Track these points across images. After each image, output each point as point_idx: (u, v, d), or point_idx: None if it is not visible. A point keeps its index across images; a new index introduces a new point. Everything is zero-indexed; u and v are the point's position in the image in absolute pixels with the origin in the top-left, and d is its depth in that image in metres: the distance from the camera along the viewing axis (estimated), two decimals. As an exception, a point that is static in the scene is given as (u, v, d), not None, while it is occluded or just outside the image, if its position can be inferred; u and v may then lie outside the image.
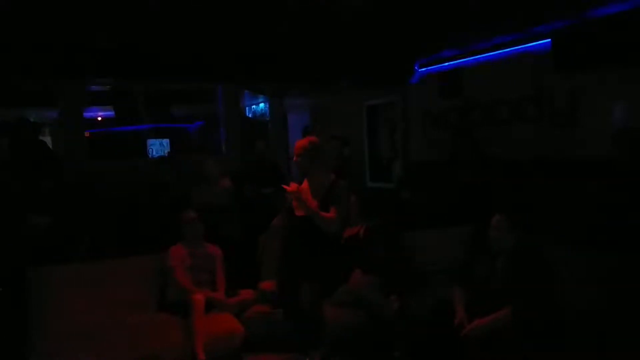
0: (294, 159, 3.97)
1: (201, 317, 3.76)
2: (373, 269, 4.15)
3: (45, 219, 4.60)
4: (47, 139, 9.79)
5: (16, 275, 3.83)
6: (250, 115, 10.85)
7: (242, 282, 4.41)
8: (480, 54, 6.35)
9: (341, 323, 3.93)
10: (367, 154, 8.89)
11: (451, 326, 3.21)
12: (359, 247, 4.35)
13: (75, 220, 4.78)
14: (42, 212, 4.43)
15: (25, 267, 3.84)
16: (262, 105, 10.44)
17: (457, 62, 6.78)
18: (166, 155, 9.86)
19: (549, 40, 5.42)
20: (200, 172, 5.60)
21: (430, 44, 6.69)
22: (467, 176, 5.66)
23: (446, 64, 6.95)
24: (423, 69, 7.44)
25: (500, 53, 6.12)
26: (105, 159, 8.34)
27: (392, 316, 3.84)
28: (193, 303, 3.80)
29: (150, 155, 10.03)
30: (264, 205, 5.60)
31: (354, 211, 4.46)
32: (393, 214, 5.16)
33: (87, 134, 8.37)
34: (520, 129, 5.92)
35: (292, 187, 3.74)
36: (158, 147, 10.62)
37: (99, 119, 11.54)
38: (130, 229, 5.43)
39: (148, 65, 6.90)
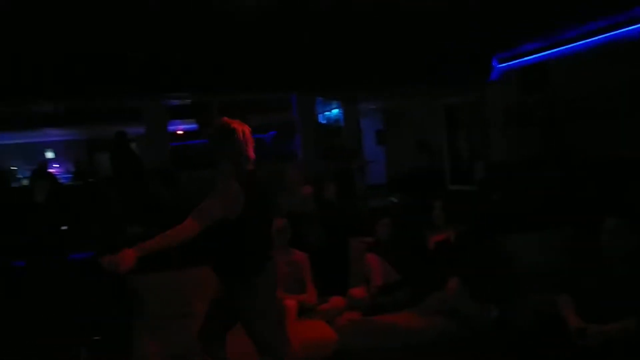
0: None
1: (293, 323, 3.78)
2: (467, 276, 4.00)
3: (138, 229, 4.85)
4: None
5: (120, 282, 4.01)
6: (324, 122, 10.90)
7: (330, 289, 4.40)
8: (567, 44, 6.01)
9: (434, 332, 3.81)
10: (446, 156, 8.67)
11: (562, 335, 2.99)
12: (450, 254, 4.22)
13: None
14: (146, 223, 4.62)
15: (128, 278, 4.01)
16: (335, 111, 10.46)
17: (541, 55, 6.46)
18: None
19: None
20: (280, 180, 5.65)
21: (511, 37, 6.43)
22: (559, 176, 5.36)
23: (529, 57, 6.64)
24: (503, 65, 7.15)
25: (589, 42, 5.76)
26: (186, 169, 8.62)
27: (489, 325, 3.68)
28: (285, 309, 3.83)
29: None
30: (346, 211, 5.58)
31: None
32: (484, 218, 4.95)
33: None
34: (613, 124, 5.52)
35: None
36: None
37: (180, 132, 12.02)
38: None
39: (226, 78, 7.12)
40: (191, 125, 11.25)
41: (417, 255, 4.44)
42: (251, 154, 2.93)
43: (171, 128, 9.62)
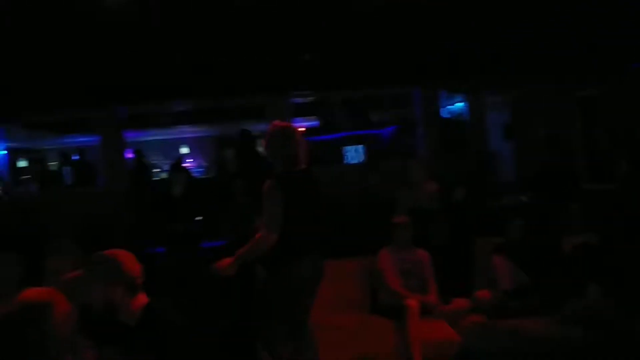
0: None
1: (416, 323, 3.71)
2: (612, 283, 3.63)
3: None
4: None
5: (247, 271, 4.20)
6: (447, 116, 10.55)
7: (453, 290, 4.24)
8: None
9: (573, 341, 3.51)
10: (581, 151, 7.95)
11: None
12: (591, 259, 3.86)
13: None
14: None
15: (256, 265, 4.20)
16: (459, 104, 10.07)
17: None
18: (365, 160, 10.10)
19: None
20: (403, 177, 5.55)
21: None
22: None
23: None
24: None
25: None
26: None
27: (638, 338, 3.31)
28: (407, 308, 3.76)
29: (345, 162, 10.38)
30: (472, 210, 5.34)
31: None
32: (631, 219, 4.46)
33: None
34: None
35: None
36: (353, 153, 10.94)
37: (301, 129, 12.37)
38: (337, 232, 5.62)
39: (347, 75, 7.18)
40: (312, 123, 11.52)
41: (550, 259, 4.13)
42: (300, 154, 3.09)
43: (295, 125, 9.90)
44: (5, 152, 11.42)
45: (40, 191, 9.41)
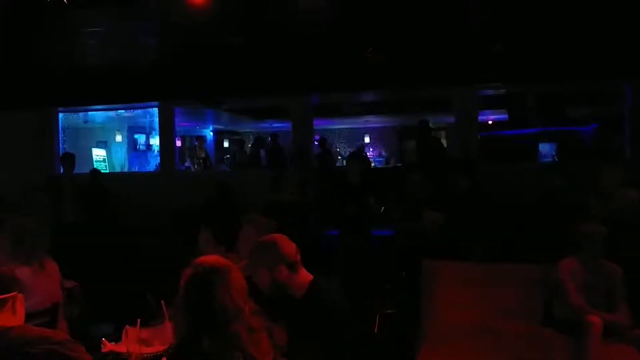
0: None
1: (598, 344, 3.32)
2: None
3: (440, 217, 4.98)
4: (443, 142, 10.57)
5: (414, 265, 4.21)
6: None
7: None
8: None
9: None
10: None
11: None
12: None
13: (469, 220, 4.96)
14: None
15: (421, 259, 4.18)
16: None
17: None
18: (555, 159, 9.29)
19: None
20: (596, 181, 4.94)
21: None
22: None
23: None
24: None
25: None
26: (494, 161, 8.41)
27: None
28: (588, 326, 3.38)
29: (540, 160, 9.65)
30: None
31: None
32: None
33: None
34: None
35: None
36: (548, 150, 10.13)
37: (490, 122, 11.80)
38: (518, 234, 5.28)
39: (542, 67, 6.63)
40: (502, 116, 10.91)
41: None
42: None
43: (482, 118, 9.51)
44: (212, 133, 13.07)
45: (236, 170, 10.52)
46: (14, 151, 8.44)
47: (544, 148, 9.91)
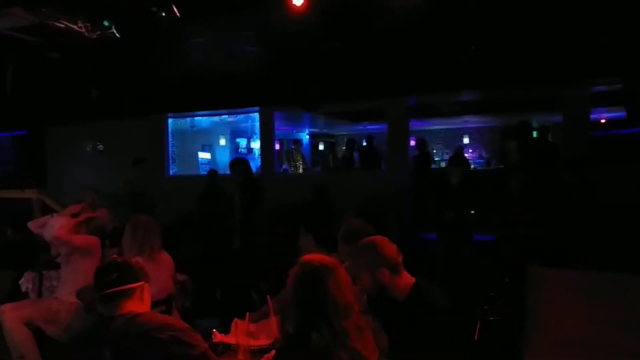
0: None
1: None
2: None
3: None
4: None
5: (518, 271, 4.04)
6: None
7: None
8: None
9: None
10: None
11: None
12: None
13: (577, 224, 4.68)
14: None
15: (526, 265, 4.01)
16: None
17: None
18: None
19: None
20: None
21: None
22: None
23: None
24: None
25: None
26: (606, 162, 7.81)
27: None
28: None
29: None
30: None
31: None
32: None
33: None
34: None
35: None
36: (669, 151, 9.19)
37: (602, 121, 10.96)
38: (634, 240, 4.88)
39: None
40: (617, 114, 10.09)
41: None
42: None
43: (594, 116, 8.90)
44: (308, 136, 13.35)
45: (328, 172, 10.65)
46: (132, 154, 9.20)
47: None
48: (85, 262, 3.63)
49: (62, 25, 4.82)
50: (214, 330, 2.64)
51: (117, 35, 5.04)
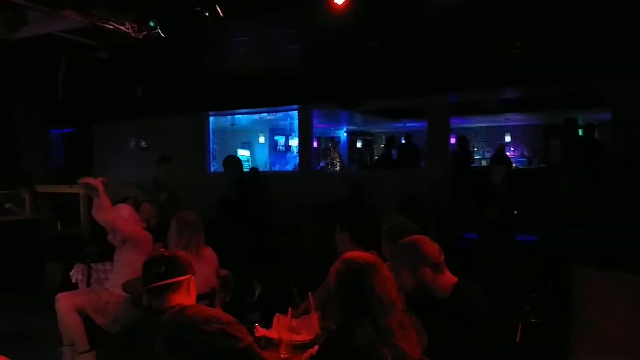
0: None
1: None
2: None
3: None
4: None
5: (561, 272, 3.95)
6: None
7: None
8: None
9: None
10: None
11: None
12: None
13: (623, 224, 4.53)
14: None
15: (573, 267, 3.91)
16: None
17: None
18: None
19: None
20: None
21: None
22: None
23: None
24: None
25: None
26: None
27: None
28: None
29: None
30: None
31: None
32: None
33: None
34: None
35: None
36: None
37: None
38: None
39: None
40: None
41: None
42: None
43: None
44: (346, 134, 13.34)
45: (368, 170, 10.61)
46: (174, 151, 9.41)
47: None
48: (135, 255, 3.73)
49: (110, 27, 4.99)
50: (256, 324, 2.68)
51: (162, 35, 5.17)
